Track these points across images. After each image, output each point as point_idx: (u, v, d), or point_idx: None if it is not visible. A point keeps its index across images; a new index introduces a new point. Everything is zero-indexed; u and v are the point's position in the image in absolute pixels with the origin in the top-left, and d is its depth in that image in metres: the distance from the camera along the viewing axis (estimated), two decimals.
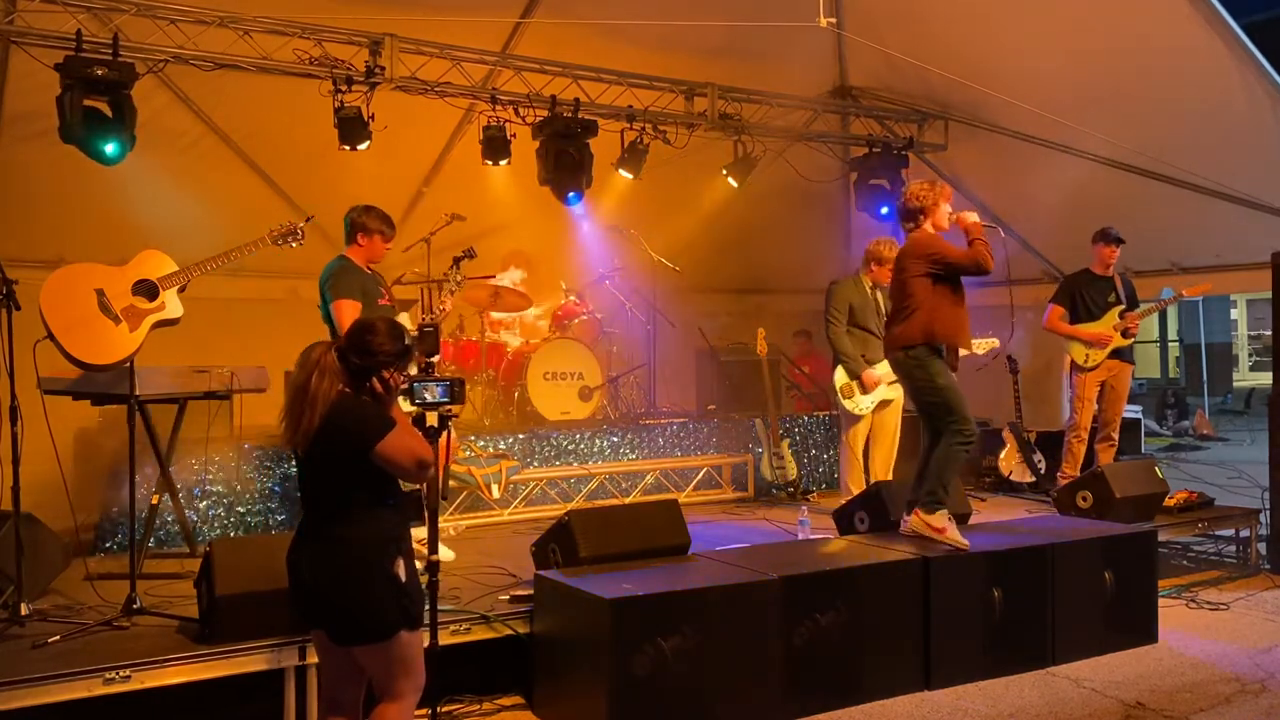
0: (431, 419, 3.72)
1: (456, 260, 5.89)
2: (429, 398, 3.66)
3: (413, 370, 4.04)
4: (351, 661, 3.29)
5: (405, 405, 3.64)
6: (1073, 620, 5.12)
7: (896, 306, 5.37)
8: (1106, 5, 6.76)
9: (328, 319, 5.38)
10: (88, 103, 5.70)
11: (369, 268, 5.54)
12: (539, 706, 4.50)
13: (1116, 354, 7.30)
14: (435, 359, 4.11)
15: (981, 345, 6.98)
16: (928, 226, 5.29)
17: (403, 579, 3.21)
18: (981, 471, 8.52)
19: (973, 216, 5.23)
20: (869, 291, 6.93)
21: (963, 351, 6.89)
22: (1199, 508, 6.95)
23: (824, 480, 8.30)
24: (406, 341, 3.36)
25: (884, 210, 8.58)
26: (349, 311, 5.27)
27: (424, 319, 6.68)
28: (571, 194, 7.39)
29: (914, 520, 5.21)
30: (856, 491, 6.69)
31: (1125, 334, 7.26)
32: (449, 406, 3.73)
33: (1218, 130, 7.07)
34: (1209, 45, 6.56)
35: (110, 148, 5.77)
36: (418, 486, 4.14)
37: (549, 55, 7.37)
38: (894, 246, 6.91)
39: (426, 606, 3.54)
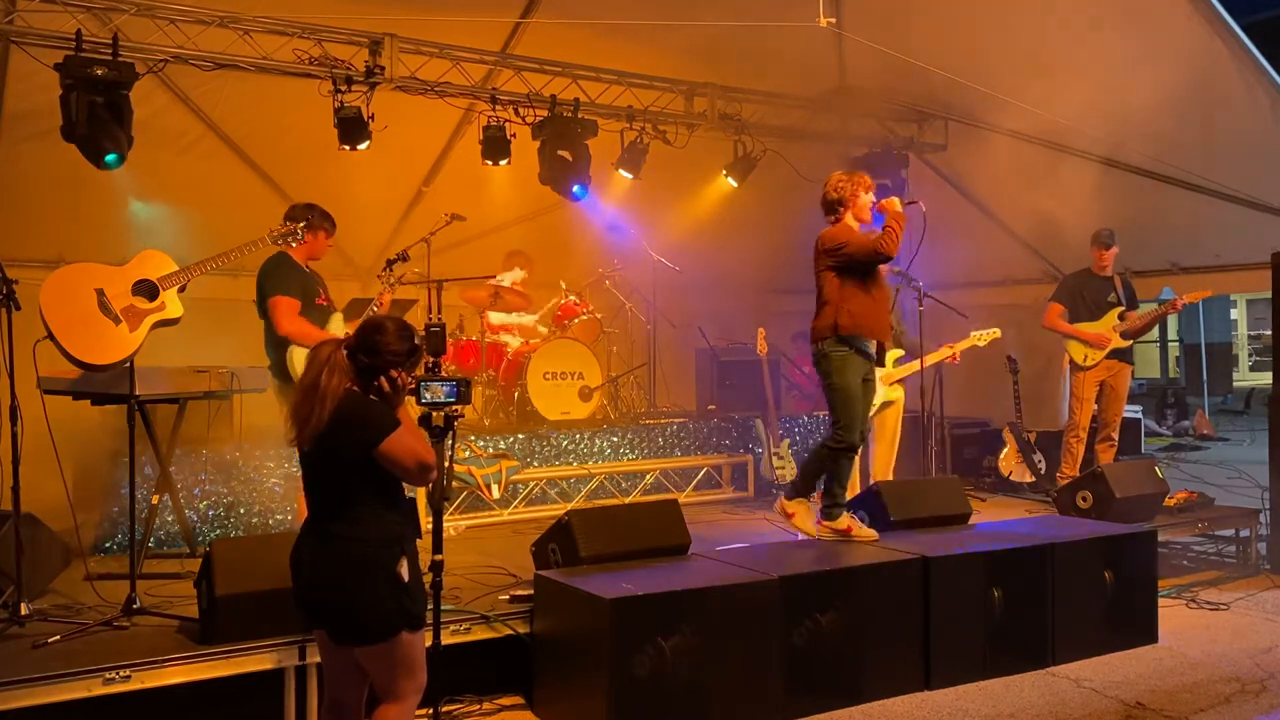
0: (437, 419, 3.71)
1: (389, 263, 5.89)
2: (434, 398, 3.66)
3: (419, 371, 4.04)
4: (353, 662, 3.29)
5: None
6: (1073, 620, 5.13)
7: (817, 300, 5.48)
8: (1106, 5, 6.76)
9: (264, 314, 5.27)
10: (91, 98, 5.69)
11: (308, 266, 5.47)
12: (539, 706, 4.51)
13: (1116, 354, 7.30)
14: (440, 359, 4.10)
15: (983, 337, 7.01)
16: (848, 219, 5.37)
17: (405, 579, 3.21)
18: (982, 471, 8.52)
19: (895, 204, 5.30)
20: None
21: (967, 344, 6.95)
22: (1199, 508, 6.95)
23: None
24: (415, 341, 3.36)
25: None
26: (286, 309, 5.17)
27: (429, 319, 6.67)
28: (577, 187, 7.36)
29: (821, 529, 5.38)
30: (851, 494, 6.69)
31: (1124, 335, 7.26)
32: (455, 406, 3.73)
33: (1218, 130, 7.07)
34: (1209, 45, 6.56)
35: (109, 155, 5.75)
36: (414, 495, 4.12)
37: (549, 55, 7.37)
38: None
39: (429, 606, 3.54)
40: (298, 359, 5.11)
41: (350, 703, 3.42)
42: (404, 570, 3.21)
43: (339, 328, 5.35)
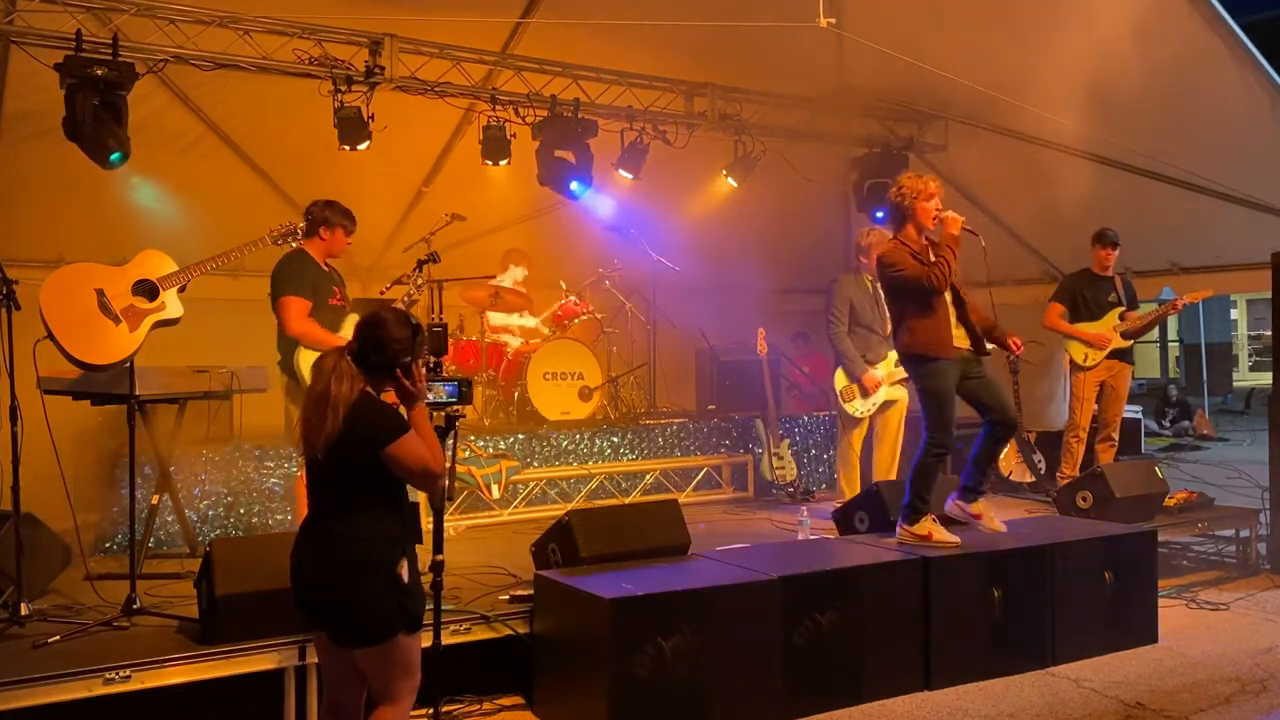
0: (438, 419, 3.71)
1: (420, 263, 5.82)
2: (436, 398, 3.66)
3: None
4: (353, 663, 3.29)
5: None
6: (1073, 620, 5.13)
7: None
8: (1106, 5, 6.76)
9: (275, 312, 5.24)
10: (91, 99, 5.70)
11: (326, 264, 5.45)
12: (539, 706, 4.51)
13: (1116, 354, 7.29)
14: (443, 358, 4.09)
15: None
16: (910, 230, 5.22)
17: (405, 580, 3.22)
18: None
19: (955, 226, 5.09)
20: (869, 285, 6.94)
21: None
22: (1199, 508, 6.94)
23: (824, 480, 8.30)
24: (415, 324, 3.37)
25: (879, 216, 8.58)
26: (295, 309, 5.14)
27: (432, 319, 6.67)
28: (575, 184, 7.35)
29: (901, 533, 5.23)
30: (851, 494, 6.71)
31: (1125, 335, 7.26)
32: (456, 406, 3.72)
33: (1218, 130, 7.07)
34: (1209, 45, 6.56)
35: (114, 154, 5.76)
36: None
37: (549, 55, 7.37)
38: (870, 234, 7.01)
39: (427, 607, 3.53)
40: (304, 360, 5.13)
41: (350, 704, 3.42)
42: (404, 571, 3.22)
43: (353, 329, 5.36)
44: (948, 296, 5.21)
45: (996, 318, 5.61)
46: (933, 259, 5.05)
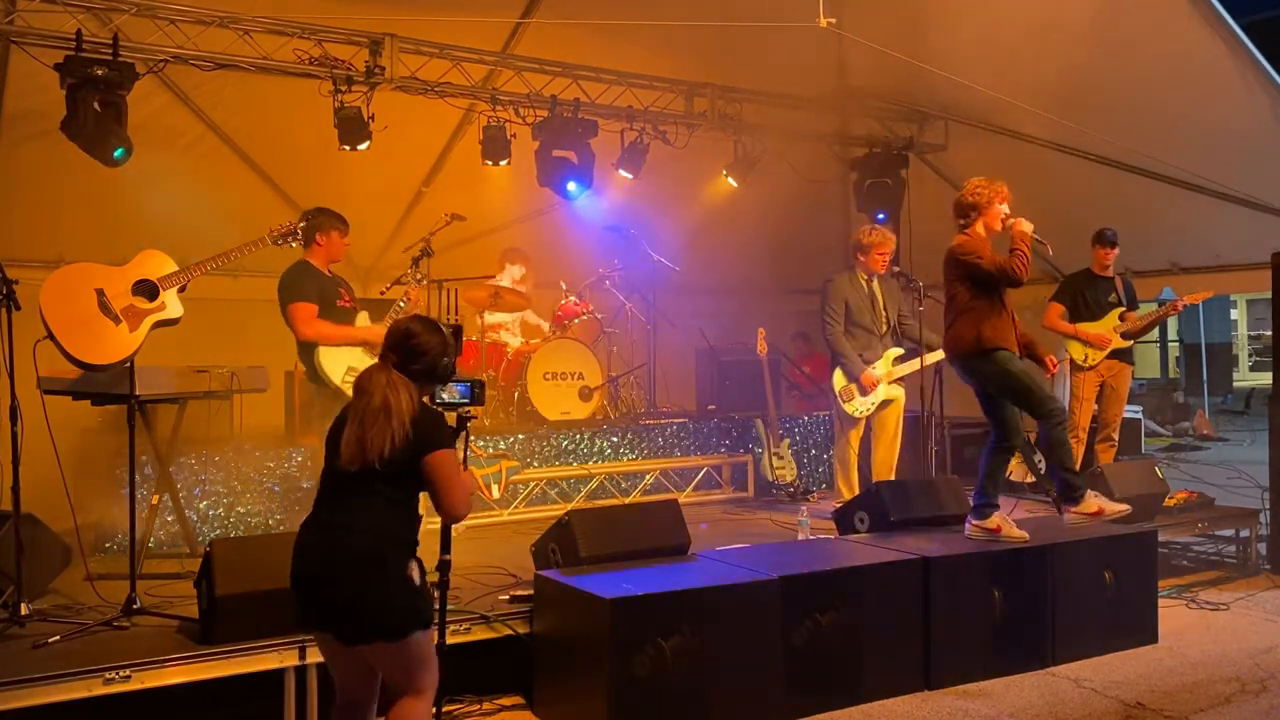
0: (449, 419, 3.70)
1: (415, 261, 5.86)
2: (448, 398, 3.65)
3: None
4: (363, 659, 3.28)
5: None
6: (1073, 620, 5.13)
7: (945, 311, 5.38)
8: (1107, 5, 6.76)
9: (288, 324, 5.37)
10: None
11: (329, 269, 5.54)
12: (539, 706, 4.51)
13: (1116, 354, 7.29)
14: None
15: None
16: (979, 228, 5.24)
17: (416, 581, 3.22)
18: None
19: (1027, 226, 5.16)
20: (864, 285, 6.92)
21: None
22: (1199, 508, 6.94)
23: (824, 480, 8.29)
24: (444, 327, 3.39)
25: (881, 216, 8.58)
26: (304, 314, 5.26)
27: (445, 320, 6.67)
28: (573, 185, 7.35)
29: (972, 530, 5.27)
30: (849, 494, 6.71)
31: (1125, 335, 7.25)
32: (468, 407, 3.71)
33: (1218, 130, 7.06)
34: (1209, 45, 6.56)
35: (118, 151, 5.77)
36: None
37: (549, 55, 7.37)
38: (873, 233, 6.94)
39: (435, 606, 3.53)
40: (325, 360, 5.28)
41: (364, 700, 3.41)
42: (414, 572, 3.22)
43: (364, 322, 5.50)
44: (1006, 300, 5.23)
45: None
46: (1011, 250, 5.09)
